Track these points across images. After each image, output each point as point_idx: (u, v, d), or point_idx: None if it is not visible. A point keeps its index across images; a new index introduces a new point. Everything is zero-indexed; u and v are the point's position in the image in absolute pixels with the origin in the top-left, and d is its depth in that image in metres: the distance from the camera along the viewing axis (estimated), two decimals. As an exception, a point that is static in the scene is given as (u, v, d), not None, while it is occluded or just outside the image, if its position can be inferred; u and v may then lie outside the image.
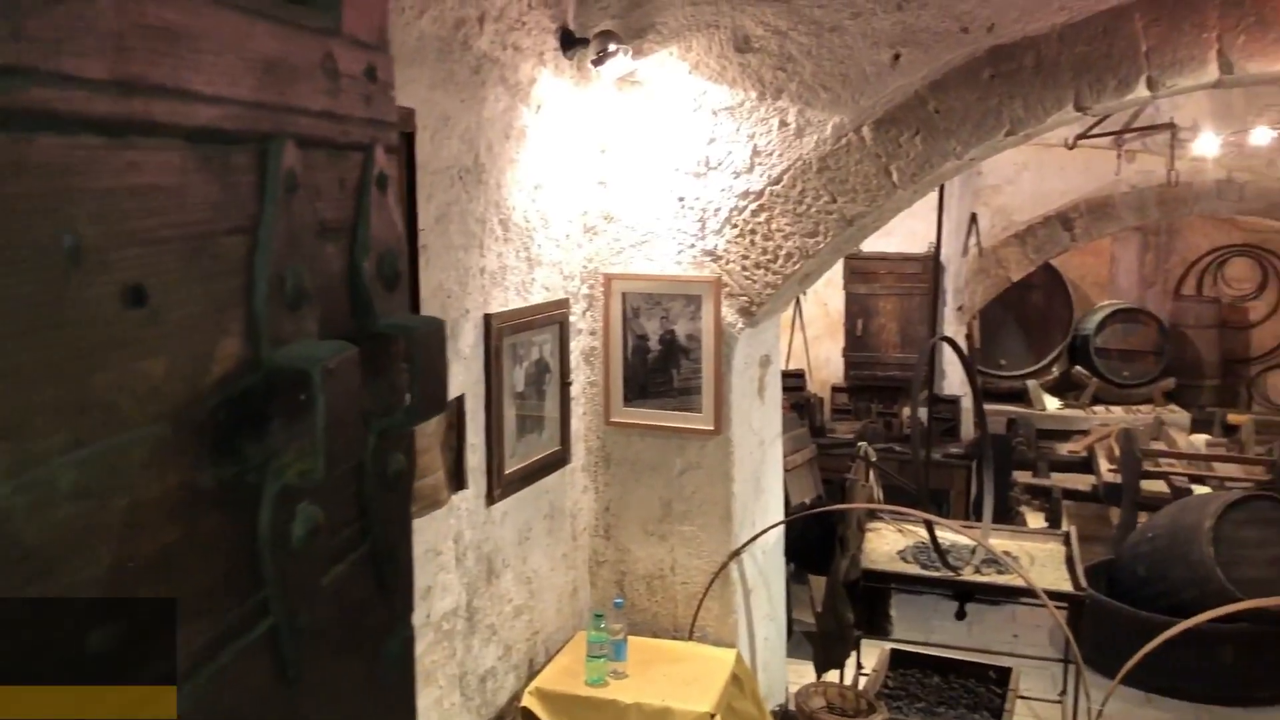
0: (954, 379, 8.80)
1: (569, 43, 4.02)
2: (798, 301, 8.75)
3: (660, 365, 4.35)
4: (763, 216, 4.13)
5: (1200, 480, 8.55)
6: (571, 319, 4.29)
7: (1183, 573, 6.17)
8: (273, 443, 0.78)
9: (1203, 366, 13.35)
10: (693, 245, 4.24)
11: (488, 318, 3.62)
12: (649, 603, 4.43)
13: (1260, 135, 7.28)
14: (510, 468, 3.81)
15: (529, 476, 3.96)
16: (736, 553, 4.31)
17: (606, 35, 4.02)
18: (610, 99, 4.24)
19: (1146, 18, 3.56)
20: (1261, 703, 6.09)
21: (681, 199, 4.22)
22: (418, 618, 3.33)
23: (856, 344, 8.46)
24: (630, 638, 4.06)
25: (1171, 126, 7.60)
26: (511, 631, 3.91)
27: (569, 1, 4.05)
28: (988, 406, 11.58)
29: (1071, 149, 8.06)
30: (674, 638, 4.36)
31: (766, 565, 4.65)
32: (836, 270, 8.61)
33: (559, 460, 4.19)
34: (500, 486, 3.75)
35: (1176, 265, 14.17)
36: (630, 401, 4.40)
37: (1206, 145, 7.62)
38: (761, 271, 4.18)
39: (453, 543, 3.50)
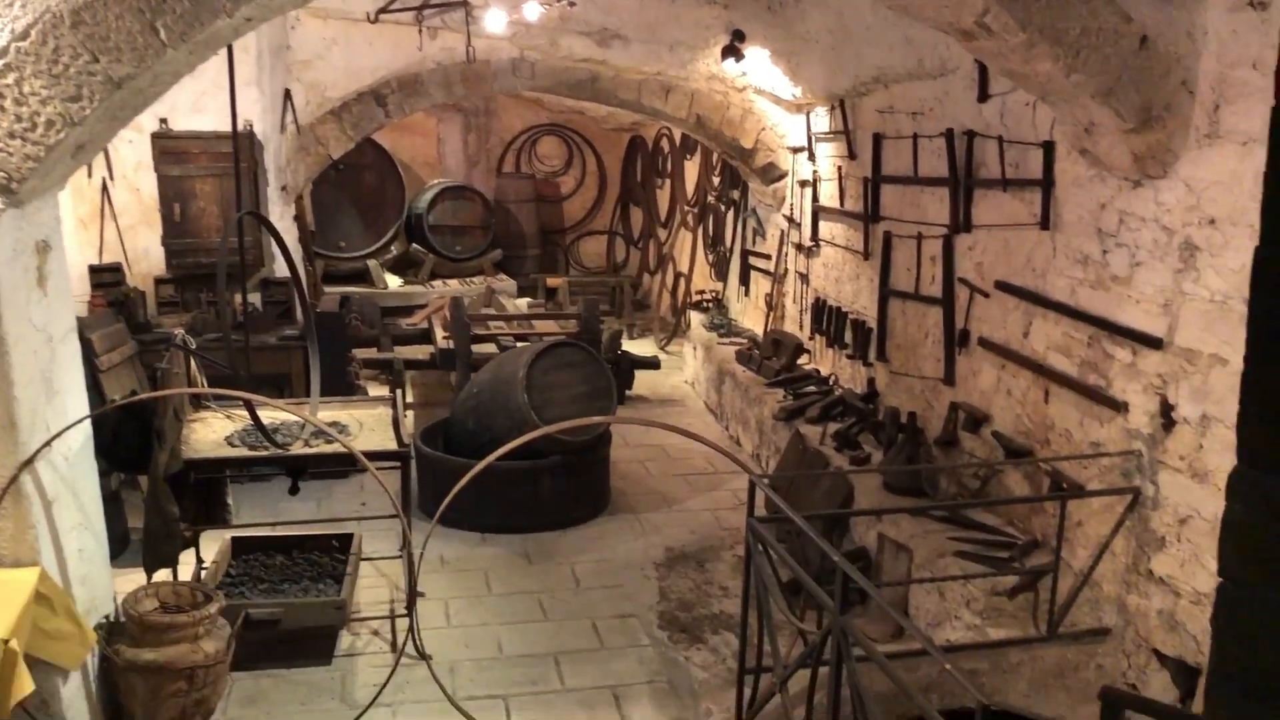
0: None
1: None
2: (105, 188, 7.94)
3: (-101, 259, 3.65)
4: (11, 78, 3.57)
5: (524, 339, 9.44)
6: None
7: (504, 420, 6.78)
8: None
9: (525, 238, 14.68)
10: (-78, 112, 3.56)
11: None
12: (-77, 536, 3.81)
13: (531, 10, 7.81)
14: None
15: None
16: (27, 463, 3.84)
17: None
18: None
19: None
20: (576, 522, 6.98)
21: (-102, 56, 3.50)
22: None
23: (176, 230, 7.89)
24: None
25: (465, 4, 7.96)
26: None
27: None
28: (331, 289, 11.74)
29: (374, 23, 8.11)
30: (-39, 569, 3.81)
31: (71, 472, 4.22)
32: (146, 152, 7.92)
33: None
34: None
35: (496, 145, 15.27)
36: None
37: (495, 23, 8.07)
38: (18, 142, 3.64)
39: None
